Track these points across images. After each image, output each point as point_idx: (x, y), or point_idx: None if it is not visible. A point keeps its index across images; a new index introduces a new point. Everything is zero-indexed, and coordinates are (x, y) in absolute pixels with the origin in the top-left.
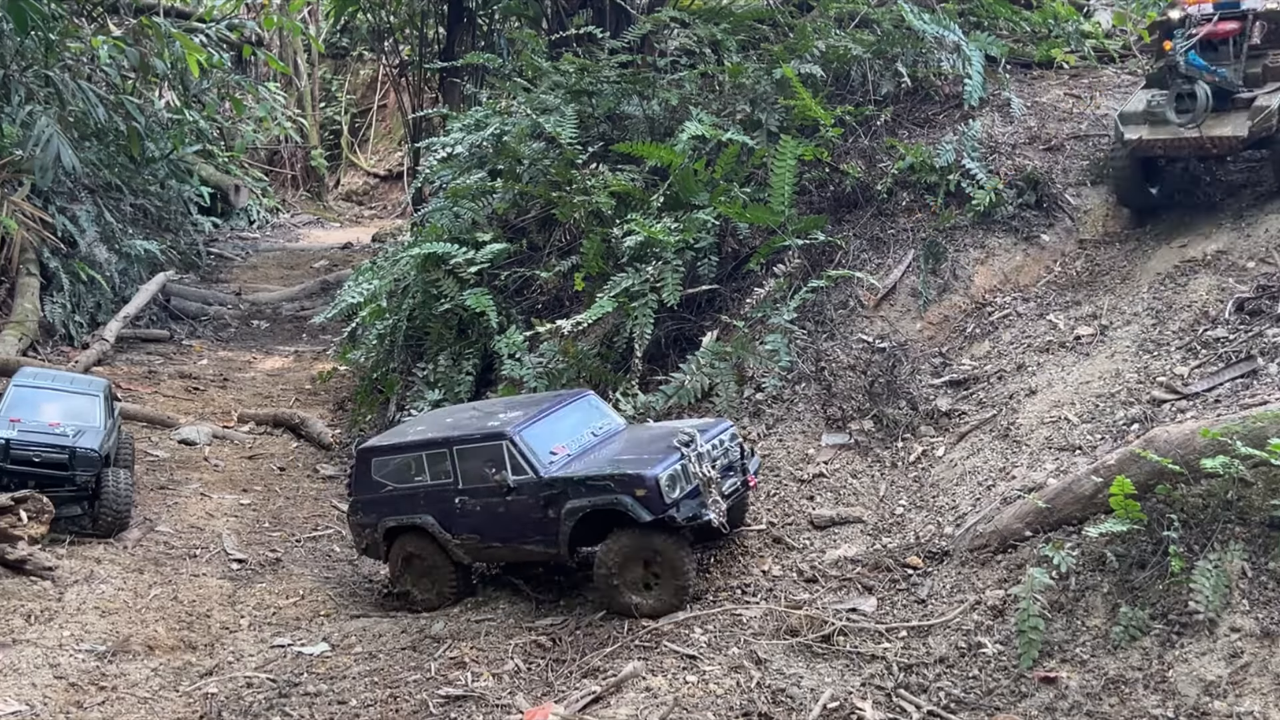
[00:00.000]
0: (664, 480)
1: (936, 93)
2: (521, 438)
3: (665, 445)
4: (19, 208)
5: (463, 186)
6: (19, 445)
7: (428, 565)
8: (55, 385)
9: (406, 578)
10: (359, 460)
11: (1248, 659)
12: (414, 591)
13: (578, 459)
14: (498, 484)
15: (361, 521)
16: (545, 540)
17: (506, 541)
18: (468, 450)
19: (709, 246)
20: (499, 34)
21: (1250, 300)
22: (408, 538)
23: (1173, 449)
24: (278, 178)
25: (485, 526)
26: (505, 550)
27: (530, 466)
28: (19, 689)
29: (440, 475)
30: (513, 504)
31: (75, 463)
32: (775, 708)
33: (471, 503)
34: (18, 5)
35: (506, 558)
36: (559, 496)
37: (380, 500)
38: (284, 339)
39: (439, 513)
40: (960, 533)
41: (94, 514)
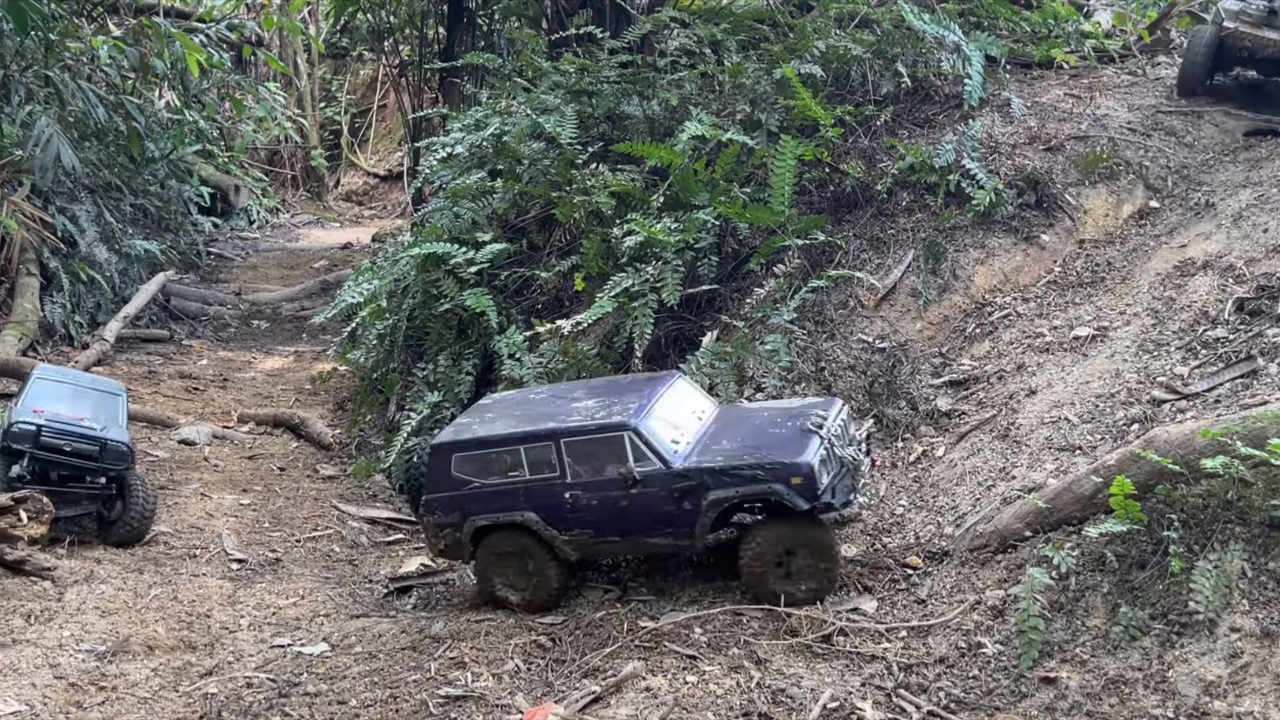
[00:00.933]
0: (817, 467)
1: (936, 93)
2: (646, 428)
3: (797, 429)
4: (19, 208)
5: (463, 186)
6: (50, 433)
7: (527, 564)
8: (77, 382)
9: (499, 580)
10: (436, 457)
11: (1248, 659)
12: (509, 594)
13: (702, 446)
14: (621, 477)
15: (440, 521)
16: (676, 532)
17: (627, 535)
18: (580, 443)
19: (709, 246)
20: (499, 34)
21: (1250, 300)
22: (501, 536)
23: (1173, 449)
24: (278, 178)
25: (602, 521)
26: (624, 544)
27: (658, 457)
28: (19, 689)
29: (544, 469)
30: (639, 497)
31: (105, 454)
32: (775, 708)
33: (585, 497)
34: (18, 5)
35: (624, 552)
36: (698, 488)
37: (464, 498)
38: (284, 339)
39: (543, 509)
40: (960, 533)
41: (115, 519)
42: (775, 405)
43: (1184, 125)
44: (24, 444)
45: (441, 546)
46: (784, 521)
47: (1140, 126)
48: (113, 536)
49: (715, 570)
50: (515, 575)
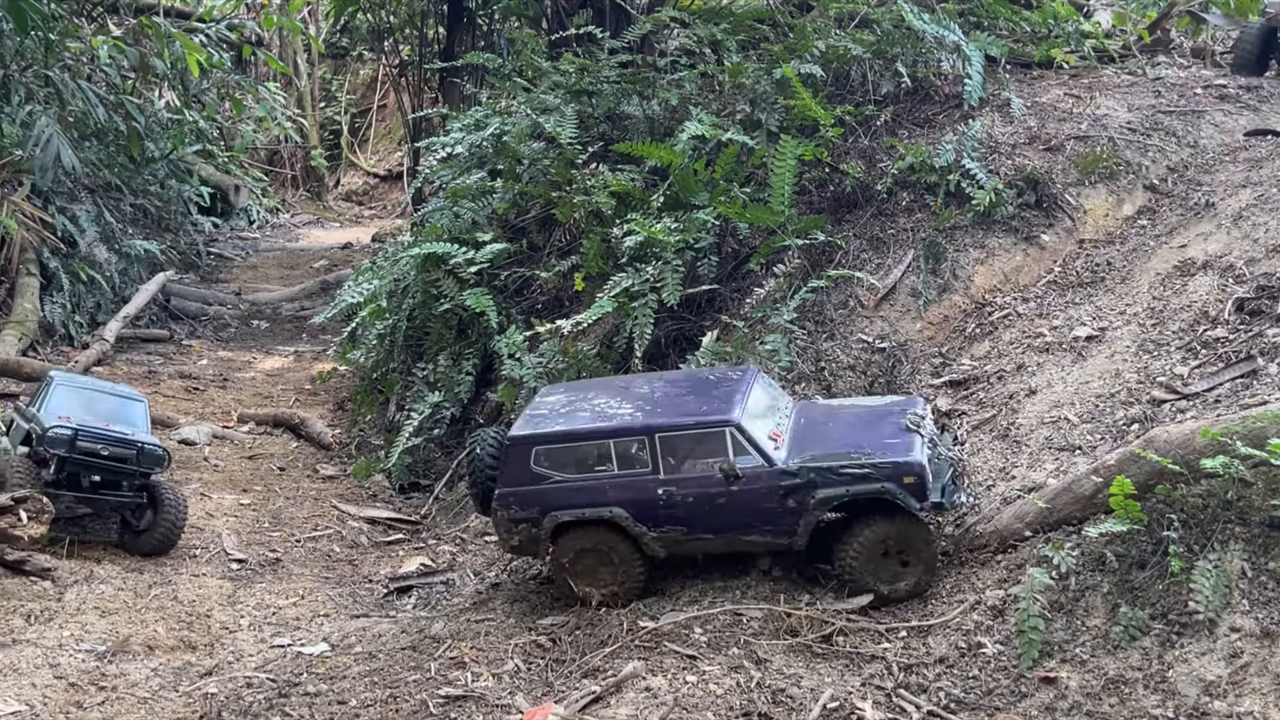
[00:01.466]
0: (927, 466)
1: (936, 93)
2: (747, 424)
3: (897, 427)
4: (19, 208)
5: (463, 186)
6: (86, 437)
7: (611, 561)
8: (98, 388)
9: (580, 576)
10: (513, 450)
11: (1248, 659)
12: (590, 590)
13: (799, 444)
14: (723, 473)
15: (516, 517)
16: (776, 530)
17: (722, 533)
18: (677, 438)
19: (709, 246)
20: (499, 34)
21: (1250, 300)
22: (584, 532)
23: (1173, 449)
24: (278, 178)
25: (697, 518)
26: (718, 542)
27: (760, 453)
28: (19, 689)
29: (635, 465)
30: (739, 494)
31: (142, 459)
32: (775, 708)
33: (680, 494)
34: (18, 5)
35: (717, 549)
36: (805, 486)
37: (543, 493)
38: (284, 339)
39: (633, 505)
40: (960, 533)
41: (145, 528)
42: (858, 403)
43: (1184, 125)
44: (60, 449)
45: (515, 543)
46: (888, 519)
47: (1140, 126)
48: (142, 546)
49: (715, 570)
50: (595, 571)
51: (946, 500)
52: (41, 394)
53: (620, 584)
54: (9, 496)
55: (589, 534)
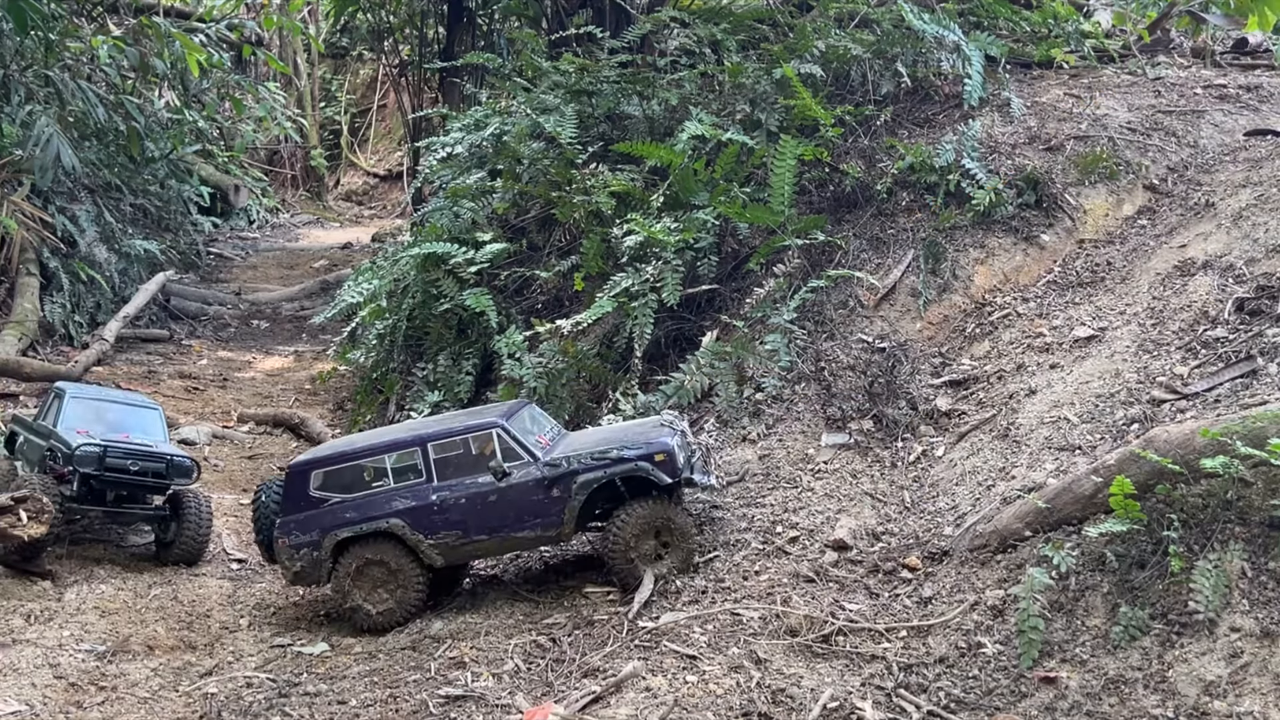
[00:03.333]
0: (676, 447)
1: (936, 93)
2: (511, 425)
3: (648, 427)
4: (19, 208)
5: (462, 186)
6: (116, 454)
7: (388, 574)
8: (112, 399)
9: (357, 592)
10: (293, 478)
11: (1248, 659)
12: (366, 606)
13: (564, 448)
14: (493, 472)
15: (297, 542)
16: (545, 522)
17: (496, 532)
18: (449, 445)
19: (709, 246)
20: (499, 34)
21: (1250, 300)
22: (362, 548)
23: (1173, 449)
24: (278, 178)
25: (470, 521)
26: (491, 543)
27: (527, 451)
28: (19, 689)
29: (410, 476)
30: (508, 491)
31: (171, 472)
32: (775, 708)
33: (453, 498)
34: (18, 5)
35: (491, 550)
36: (567, 474)
37: (322, 515)
38: (284, 339)
39: (410, 514)
40: (960, 533)
41: (171, 539)
42: (616, 425)
43: (1184, 125)
44: (89, 466)
45: (296, 569)
46: (647, 503)
47: (1140, 126)
48: (170, 557)
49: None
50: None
51: (697, 477)
52: (52, 407)
53: (401, 596)
54: (9, 496)
55: (368, 549)
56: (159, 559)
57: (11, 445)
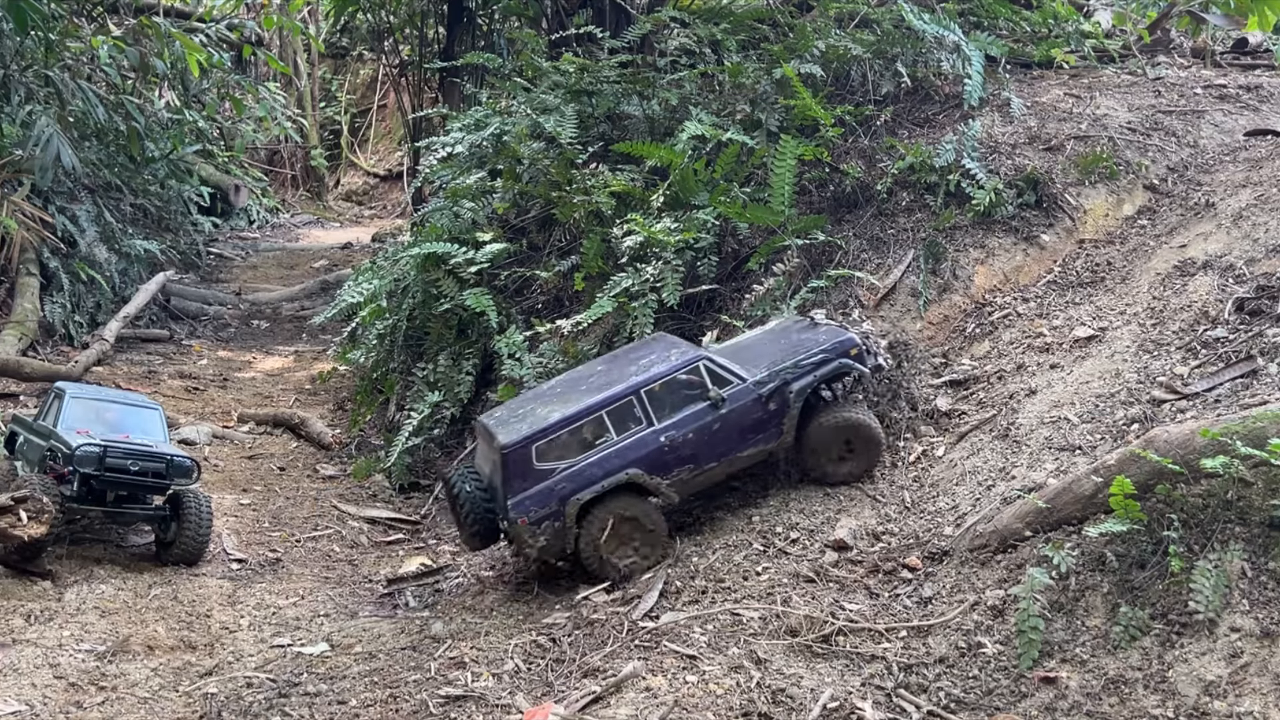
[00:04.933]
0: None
1: (936, 93)
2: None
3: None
4: (19, 208)
5: (463, 186)
6: (116, 454)
7: (634, 527)
8: (111, 399)
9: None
10: (511, 459)
11: (1248, 659)
12: (616, 561)
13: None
14: (711, 401)
15: (536, 519)
16: (766, 437)
17: (723, 456)
18: (657, 388)
19: (709, 246)
20: (499, 34)
21: (1250, 300)
22: (603, 507)
23: (1173, 449)
24: (278, 178)
25: (699, 453)
26: (720, 468)
27: (735, 375)
28: (19, 689)
29: (631, 425)
30: (728, 415)
31: (171, 471)
32: (775, 708)
33: (680, 435)
34: (18, 5)
35: (719, 476)
36: (780, 388)
37: (556, 484)
38: (284, 339)
39: (644, 461)
40: (960, 533)
41: (171, 539)
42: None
43: (1184, 125)
44: (89, 466)
45: (542, 543)
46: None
47: (1140, 126)
48: (170, 557)
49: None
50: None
51: (882, 361)
52: (52, 407)
53: (652, 545)
54: (9, 496)
55: (610, 506)
56: (159, 559)
57: (12, 445)
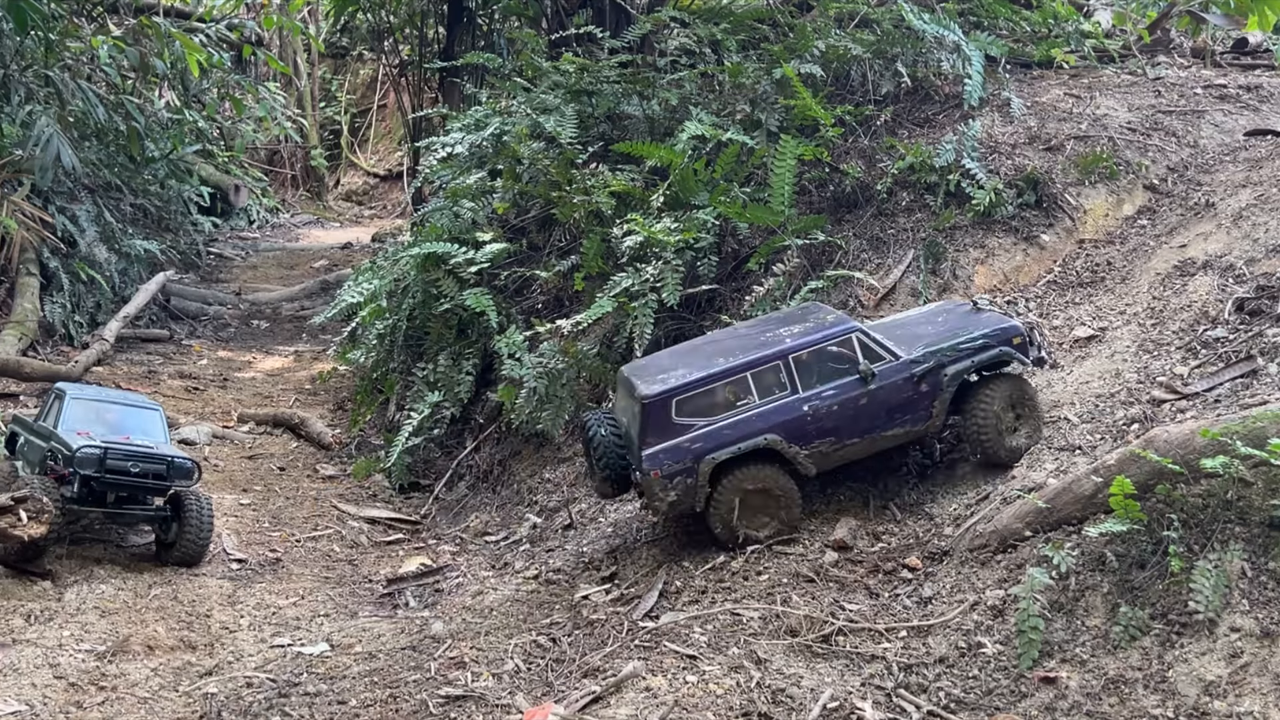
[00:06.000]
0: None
1: (936, 93)
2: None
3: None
4: (19, 208)
5: (463, 186)
6: (116, 455)
7: (770, 492)
8: (112, 400)
9: (743, 516)
10: (651, 409)
11: (1248, 659)
12: (750, 531)
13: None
14: (862, 375)
15: (670, 471)
16: (914, 418)
17: (867, 433)
18: (809, 356)
19: (709, 246)
20: (499, 34)
21: (1250, 300)
22: (738, 470)
23: (1173, 449)
24: (278, 178)
25: (842, 426)
26: (861, 445)
27: (888, 351)
28: (19, 689)
29: (775, 390)
30: (877, 393)
31: (172, 473)
32: (775, 708)
33: (824, 406)
34: (18, 5)
35: (859, 454)
36: (935, 369)
37: (692, 441)
38: (284, 339)
39: (783, 428)
40: (960, 533)
41: (173, 540)
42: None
43: (1184, 125)
44: (90, 469)
45: (672, 498)
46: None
47: (1140, 126)
48: (172, 558)
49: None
50: (756, 509)
51: (1045, 355)
52: (52, 408)
53: (786, 512)
54: (9, 496)
55: (745, 469)
56: (160, 559)
57: (12, 446)
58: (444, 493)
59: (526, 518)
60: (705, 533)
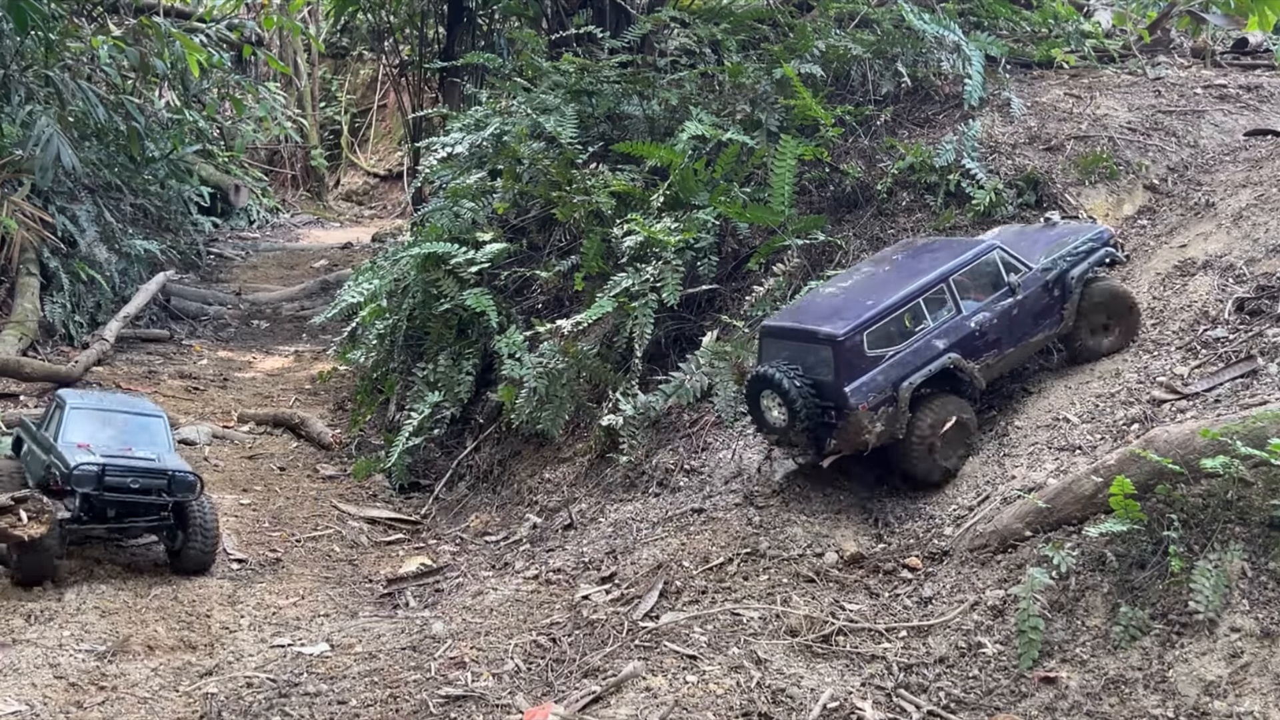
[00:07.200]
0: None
1: (936, 93)
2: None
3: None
4: (19, 208)
5: (463, 186)
6: (115, 471)
7: (959, 420)
8: (113, 407)
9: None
10: (844, 348)
11: (1248, 659)
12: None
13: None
14: (1010, 287)
15: (874, 404)
16: (1051, 322)
17: (1019, 341)
18: (963, 277)
19: (709, 246)
20: (499, 34)
21: (1250, 300)
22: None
23: (1173, 449)
24: (278, 178)
25: (1002, 338)
26: (1015, 353)
27: (1023, 264)
28: (19, 689)
29: (941, 312)
30: (1023, 301)
31: (174, 486)
32: (775, 708)
33: (986, 321)
34: (18, 5)
35: (1014, 362)
36: (1062, 275)
37: (887, 370)
38: (284, 339)
39: (958, 347)
40: (960, 533)
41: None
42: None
43: (1184, 125)
44: (87, 486)
45: (879, 429)
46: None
47: (1140, 126)
48: (179, 566)
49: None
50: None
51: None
52: (53, 417)
53: (968, 442)
54: (9, 496)
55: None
56: (172, 568)
57: (18, 449)
58: (444, 493)
59: (526, 518)
60: (707, 532)
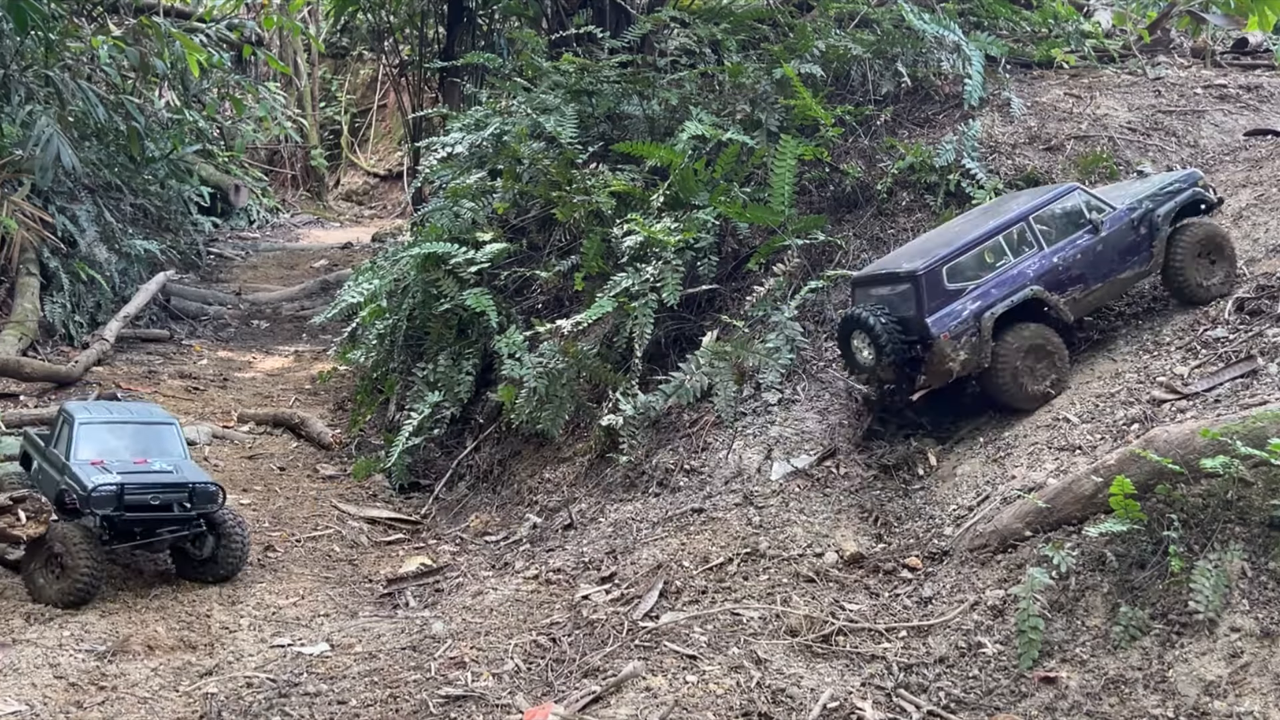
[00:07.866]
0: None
1: (936, 93)
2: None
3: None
4: (19, 208)
5: (463, 186)
6: (133, 489)
7: (1044, 348)
8: (124, 418)
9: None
10: (927, 279)
11: (1248, 659)
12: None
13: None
14: (1093, 225)
15: (956, 333)
16: (1139, 259)
17: (1106, 278)
18: (1045, 215)
19: (709, 246)
20: (499, 34)
21: (1250, 300)
22: (1016, 326)
23: (1173, 449)
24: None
25: (1087, 273)
26: (1103, 289)
27: (1105, 204)
28: (19, 689)
29: (1026, 248)
30: (1107, 239)
31: (195, 499)
32: (775, 708)
33: (1069, 256)
34: (18, 5)
35: (1103, 298)
36: (1149, 213)
37: (966, 302)
38: (284, 339)
39: (1041, 279)
40: (960, 533)
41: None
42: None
43: (1184, 125)
44: (107, 508)
45: (963, 356)
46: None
47: (1140, 126)
48: (206, 575)
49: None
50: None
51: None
52: (62, 434)
53: (1055, 367)
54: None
55: (1020, 326)
56: (187, 575)
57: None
58: (444, 493)
59: (526, 518)
60: (706, 531)
